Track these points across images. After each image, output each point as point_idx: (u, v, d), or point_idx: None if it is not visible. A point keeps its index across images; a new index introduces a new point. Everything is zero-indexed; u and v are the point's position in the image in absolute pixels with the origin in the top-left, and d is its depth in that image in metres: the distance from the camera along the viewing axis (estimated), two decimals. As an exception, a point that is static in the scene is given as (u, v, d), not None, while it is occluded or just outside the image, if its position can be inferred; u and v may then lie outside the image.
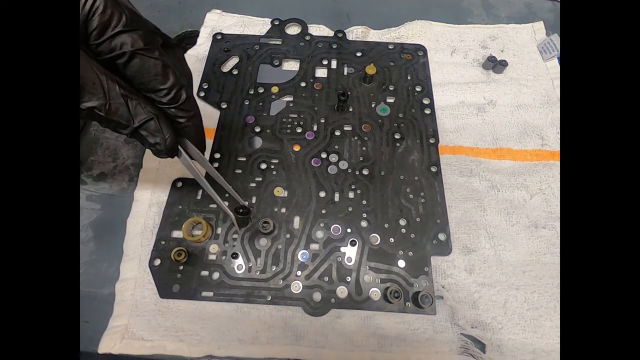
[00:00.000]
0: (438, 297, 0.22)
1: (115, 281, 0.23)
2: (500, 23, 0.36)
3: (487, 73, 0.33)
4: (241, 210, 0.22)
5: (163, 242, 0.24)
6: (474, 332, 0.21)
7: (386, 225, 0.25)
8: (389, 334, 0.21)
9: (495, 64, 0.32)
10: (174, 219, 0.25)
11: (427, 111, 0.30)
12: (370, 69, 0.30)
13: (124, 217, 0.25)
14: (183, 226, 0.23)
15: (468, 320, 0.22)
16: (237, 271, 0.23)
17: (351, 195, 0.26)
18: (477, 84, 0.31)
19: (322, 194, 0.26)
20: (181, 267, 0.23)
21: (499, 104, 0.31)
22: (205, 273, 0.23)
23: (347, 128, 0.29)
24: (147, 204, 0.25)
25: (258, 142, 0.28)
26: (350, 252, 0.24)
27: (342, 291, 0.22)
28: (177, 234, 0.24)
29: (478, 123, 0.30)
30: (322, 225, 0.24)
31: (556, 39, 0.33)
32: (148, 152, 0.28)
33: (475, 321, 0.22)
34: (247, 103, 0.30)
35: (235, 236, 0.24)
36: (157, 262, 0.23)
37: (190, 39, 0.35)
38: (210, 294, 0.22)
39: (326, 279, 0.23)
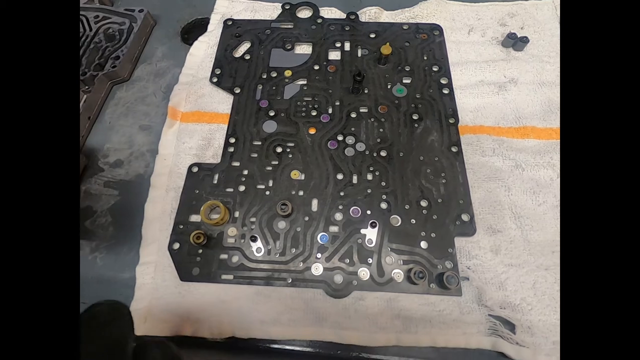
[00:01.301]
0: (463, 279, 0.22)
1: (135, 265, 0.23)
2: (519, 0, 0.35)
3: (507, 51, 0.31)
4: None
5: (181, 226, 0.24)
6: (503, 312, 0.20)
7: (407, 207, 0.24)
8: (414, 316, 0.21)
9: (515, 41, 0.31)
10: (192, 203, 0.24)
11: (446, 91, 0.29)
12: (386, 49, 0.29)
13: (142, 202, 0.25)
14: (201, 209, 0.23)
15: (496, 302, 0.21)
16: (256, 254, 0.23)
17: (369, 177, 0.25)
18: (497, 62, 0.30)
19: (340, 176, 0.25)
20: (200, 251, 0.23)
21: (520, 82, 0.29)
22: (224, 256, 0.23)
23: (363, 110, 0.28)
24: (164, 189, 0.25)
25: (273, 126, 0.28)
26: (370, 234, 0.23)
27: (363, 273, 0.22)
28: (194, 218, 0.24)
29: (499, 102, 0.28)
30: (340, 207, 0.24)
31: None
32: (163, 138, 0.27)
33: (503, 302, 0.21)
34: (260, 87, 0.29)
35: (253, 219, 0.24)
36: (176, 245, 0.23)
37: (200, 26, 0.35)
38: (230, 276, 0.22)
39: (347, 260, 0.22)
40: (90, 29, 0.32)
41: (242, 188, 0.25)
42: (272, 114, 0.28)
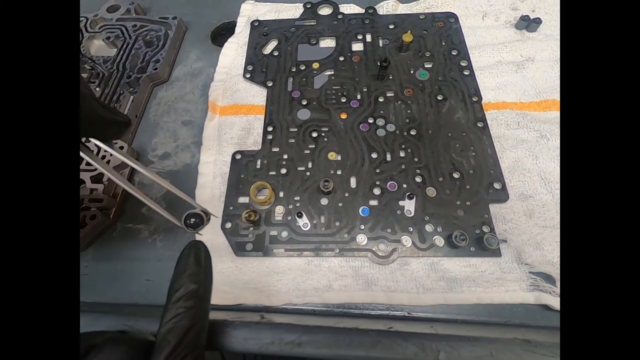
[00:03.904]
0: (501, 241, 0.23)
1: (193, 244, 0.24)
2: (528, -15, 0.36)
3: (521, 33, 0.33)
4: (192, 220, 0.17)
5: (231, 208, 0.25)
6: (543, 268, 0.22)
7: (440, 179, 0.25)
8: (458, 277, 0.22)
9: (528, 23, 0.33)
10: (238, 187, 0.26)
11: (466, 72, 0.30)
12: (407, 37, 0.31)
13: (192, 188, 0.27)
14: (250, 189, 0.25)
15: (535, 260, 0.22)
16: (304, 229, 0.24)
17: (402, 154, 0.27)
18: (513, 43, 0.32)
19: (374, 155, 0.27)
20: (251, 228, 0.24)
21: (537, 60, 0.31)
22: (274, 232, 0.24)
23: (390, 94, 0.30)
24: (212, 176, 0.27)
25: (306, 114, 0.29)
26: (408, 205, 0.24)
27: (406, 240, 0.23)
28: (242, 200, 0.26)
29: (519, 79, 0.30)
30: (378, 182, 0.25)
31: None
32: (206, 131, 0.29)
33: (542, 261, 0.22)
34: (291, 80, 0.31)
35: (297, 198, 0.25)
36: (228, 225, 0.25)
37: (228, 29, 0.37)
38: (282, 250, 0.23)
39: (389, 230, 0.24)
40: (130, 37, 0.34)
41: (283, 171, 0.27)
42: (304, 102, 0.30)
